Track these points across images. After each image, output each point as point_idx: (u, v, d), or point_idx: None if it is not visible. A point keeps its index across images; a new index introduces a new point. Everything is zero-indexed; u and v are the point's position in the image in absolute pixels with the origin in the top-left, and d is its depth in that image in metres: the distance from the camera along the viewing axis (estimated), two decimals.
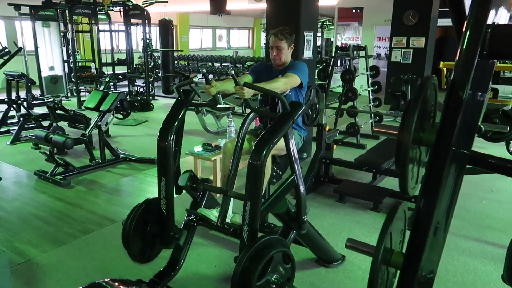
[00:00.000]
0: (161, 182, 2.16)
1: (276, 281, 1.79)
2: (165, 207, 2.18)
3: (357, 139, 5.61)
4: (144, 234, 2.20)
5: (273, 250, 1.78)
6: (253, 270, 1.70)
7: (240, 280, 1.70)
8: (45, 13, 8.40)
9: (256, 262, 1.72)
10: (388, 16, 8.61)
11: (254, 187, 1.85)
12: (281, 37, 2.77)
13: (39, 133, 4.40)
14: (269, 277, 1.77)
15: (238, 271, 1.70)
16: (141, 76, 9.00)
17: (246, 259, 1.72)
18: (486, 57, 1.00)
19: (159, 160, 2.17)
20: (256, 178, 1.83)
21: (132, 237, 2.11)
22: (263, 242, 1.80)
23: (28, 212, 3.45)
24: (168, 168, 2.15)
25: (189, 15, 16.66)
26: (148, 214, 2.20)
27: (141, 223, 2.16)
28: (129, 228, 2.10)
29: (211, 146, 3.81)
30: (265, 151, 1.81)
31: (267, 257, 1.74)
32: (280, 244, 1.88)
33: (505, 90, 7.48)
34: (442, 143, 1.00)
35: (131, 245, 2.13)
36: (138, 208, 2.15)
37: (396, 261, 1.11)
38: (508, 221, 3.31)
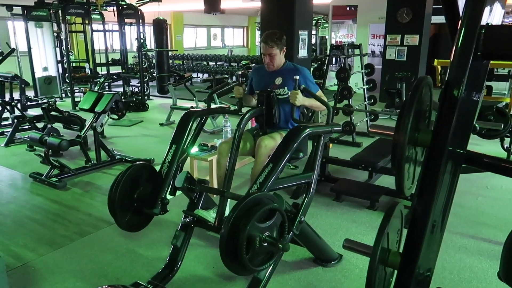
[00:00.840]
0: (171, 148, 2.31)
1: (268, 239, 1.70)
2: (165, 171, 2.24)
3: (352, 137, 5.62)
4: (131, 200, 2.15)
5: (263, 206, 1.69)
6: (242, 229, 1.60)
7: (229, 240, 1.60)
8: (38, 13, 8.34)
9: (246, 220, 1.61)
10: (382, 14, 8.63)
11: (283, 152, 2.07)
12: (272, 44, 2.77)
13: (33, 135, 4.37)
14: (260, 234, 1.68)
15: (226, 230, 1.60)
16: (135, 76, 8.97)
17: (234, 216, 1.62)
18: (480, 57, 1.00)
19: (179, 127, 2.42)
20: (288, 145, 2.07)
21: (118, 202, 2.07)
22: (252, 199, 1.70)
23: (23, 215, 3.43)
24: (182, 137, 2.34)
25: (183, 14, 16.61)
26: (137, 179, 2.17)
27: (128, 188, 2.12)
28: (115, 192, 2.05)
29: (207, 147, 3.81)
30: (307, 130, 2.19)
31: (258, 213, 1.64)
32: (270, 200, 1.79)
33: (499, 87, 7.52)
34: (438, 143, 1.01)
35: (117, 212, 2.08)
36: (126, 172, 2.12)
37: (394, 261, 1.12)
38: (503, 218, 3.33)
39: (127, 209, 2.15)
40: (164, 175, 2.23)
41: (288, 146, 2.09)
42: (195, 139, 2.59)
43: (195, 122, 2.54)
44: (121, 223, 2.14)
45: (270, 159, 2.07)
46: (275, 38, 2.77)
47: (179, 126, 2.44)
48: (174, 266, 2.31)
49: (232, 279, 2.46)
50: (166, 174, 2.22)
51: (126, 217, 2.15)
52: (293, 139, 2.11)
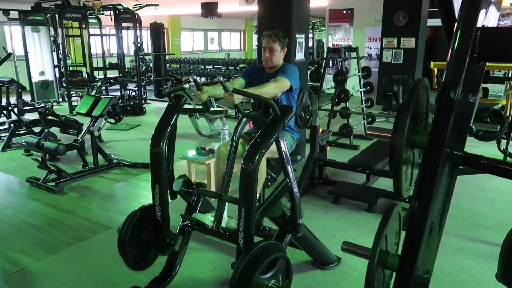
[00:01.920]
0: (155, 189, 2.15)
1: (274, 286, 1.79)
2: (160, 214, 2.16)
3: (350, 140, 5.64)
4: (139, 241, 2.19)
5: (270, 255, 1.78)
6: (251, 276, 1.69)
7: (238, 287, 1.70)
8: (35, 18, 8.33)
9: (254, 268, 1.71)
10: (379, 17, 8.67)
11: (248, 192, 1.85)
12: (275, 39, 2.79)
13: (30, 140, 4.35)
14: (266, 282, 1.77)
15: (236, 278, 1.70)
16: (133, 80, 8.96)
17: (243, 266, 1.71)
18: (477, 59, 1.01)
19: (152, 167, 2.16)
20: (250, 183, 1.82)
21: (128, 244, 2.10)
22: (260, 248, 1.79)
23: (20, 220, 3.41)
24: (161, 174, 2.14)
25: (180, 18, 16.63)
26: (144, 221, 2.18)
27: (136, 230, 2.15)
28: (124, 235, 2.08)
29: (205, 150, 3.81)
30: (257, 156, 1.81)
31: (265, 263, 1.74)
32: (277, 249, 1.88)
33: (495, 89, 7.56)
34: (435, 145, 1.01)
35: (127, 253, 2.11)
36: (134, 215, 2.14)
37: (392, 263, 1.12)
38: (501, 219, 3.34)
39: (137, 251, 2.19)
40: (161, 219, 2.18)
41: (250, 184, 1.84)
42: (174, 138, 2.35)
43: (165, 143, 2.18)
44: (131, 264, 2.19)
45: (239, 204, 1.89)
46: (279, 35, 2.82)
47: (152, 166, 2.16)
48: (172, 270, 2.30)
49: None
50: (162, 218, 2.18)
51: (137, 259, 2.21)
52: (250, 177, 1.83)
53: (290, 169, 2.03)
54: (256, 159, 1.81)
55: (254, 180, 1.82)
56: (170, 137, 2.23)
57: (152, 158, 2.15)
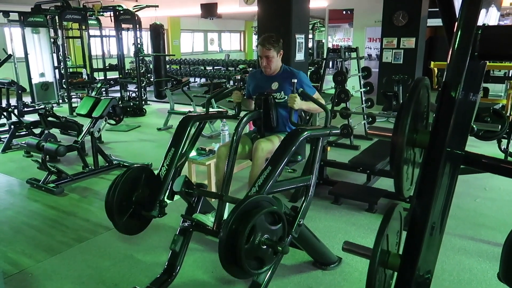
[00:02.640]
0: (170, 151, 2.29)
1: (268, 242, 1.68)
2: (164, 173, 2.23)
3: (350, 140, 5.63)
4: (129, 202, 2.12)
5: (262, 209, 1.68)
6: (241, 232, 1.58)
7: (227, 244, 1.58)
8: (35, 20, 8.33)
9: (244, 224, 1.60)
10: (378, 17, 8.67)
11: (281, 156, 2.05)
12: (269, 46, 2.77)
13: (30, 141, 4.35)
14: (259, 238, 1.66)
15: (225, 234, 1.58)
16: (133, 81, 8.96)
17: (232, 221, 1.60)
18: (477, 58, 1.01)
19: (177, 131, 2.38)
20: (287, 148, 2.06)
21: (116, 206, 2.04)
22: (250, 202, 1.69)
23: (21, 221, 3.41)
24: (181, 140, 2.32)
25: (180, 19, 16.64)
26: (134, 183, 2.14)
27: (126, 190, 2.09)
28: (112, 195, 2.02)
29: (205, 151, 3.80)
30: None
31: (257, 216, 1.62)
32: (269, 204, 1.78)
33: (495, 88, 7.55)
34: (436, 144, 1.00)
35: (115, 215, 2.05)
36: (122, 175, 2.08)
37: (393, 263, 1.12)
38: (502, 219, 3.33)
39: (125, 212, 2.12)
40: (163, 177, 2.21)
41: (286, 149, 2.08)
42: (193, 143, 2.58)
43: (194, 126, 2.53)
44: (119, 226, 2.11)
45: (269, 162, 2.06)
46: (272, 41, 2.78)
47: (178, 130, 2.42)
48: (172, 271, 2.30)
49: (231, 283, 2.45)
50: (164, 177, 2.21)
51: (124, 219, 2.12)
52: (291, 142, 2.10)
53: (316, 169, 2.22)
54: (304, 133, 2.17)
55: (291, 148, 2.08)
56: (201, 123, 2.62)
57: (181, 123, 2.42)
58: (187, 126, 2.40)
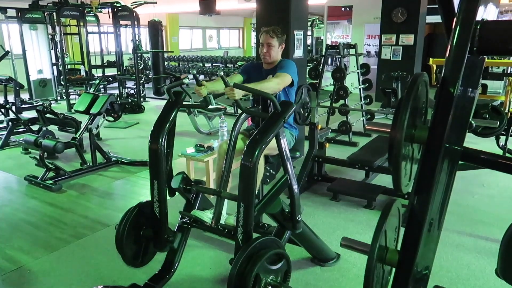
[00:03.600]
0: (154, 185, 2.14)
1: (272, 282, 1.78)
2: (158, 210, 2.15)
3: (349, 137, 5.63)
4: (137, 238, 2.18)
5: (269, 251, 1.78)
6: (249, 272, 1.69)
7: (236, 283, 1.69)
8: (32, 16, 8.30)
9: (252, 264, 1.71)
10: (377, 14, 8.65)
11: (247, 188, 1.84)
12: (273, 34, 2.78)
13: (28, 138, 4.34)
14: (265, 278, 1.76)
15: (234, 274, 1.69)
16: (131, 78, 8.94)
17: (241, 261, 1.71)
18: (476, 53, 1.00)
19: (151, 163, 2.15)
20: (249, 179, 1.81)
21: (126, 241, 2.09)
22: (258, 243, 1.79)
23: (19, 218, 3.40)
24: (160, 170, 2.13)
25: (178, 15, 16.59)
26: (142, 218, 2.17)
27: (134, 226, 2.14)
28: (122, 232, 2.07)
29: (203, 147, 3.80)
30: (257, 152, 1.80)
31: (263, 259, 1.73)
32: (276, 244, 1.88)
33: (494, 85, 7.56)
34: (434, 140, 1.00)
35: (124, 250, 2.10)
36: (131, 212, 2.13)
37: (391, 259, 1.11)
38: (500, 215, 3.34)
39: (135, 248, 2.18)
40: (159, 215, 2.17)
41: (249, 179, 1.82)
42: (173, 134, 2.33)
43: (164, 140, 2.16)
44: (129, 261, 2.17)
45: (239, 200, 1.88)
46: (277, 31, 2.81)
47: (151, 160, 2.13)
48: (171, 267, 2.29)
49: None
50: (160, 214, 2.17)
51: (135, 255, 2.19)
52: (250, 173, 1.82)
53: (289, 166, 2.02)
54: (255, 155, 1.79)
55: (254, 175, 1.81)
56: (169, 134, 2.22)
57: (151, 154, 2.13)
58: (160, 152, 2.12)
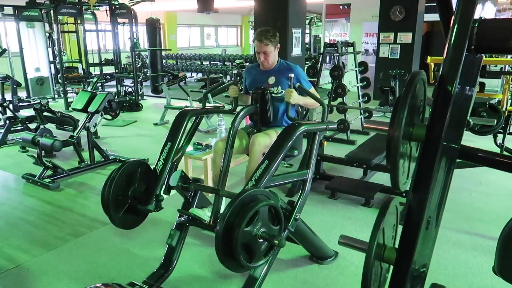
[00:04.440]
0: (166, 145, 2.28)
1: (264, 235, 1.69)
2: (160, 168, 2.22)
3: (347, 135, 5.63)
4: (125, 197, 2.13)
5: (259, 203, 1.68)
6: (238, 226, 1.59)
7: (224, 237, 1.59)
8: (30, 14, 8.27)
9: (241, 217, 1.60)
10: (375, 12, 8.66)
11: (278, 150, 2.05)
12: (266, 42, 2.76)
13: (26, 136, 4.33)
14: (256, 231, 1.67)
15: (221, 228, 1.58)
16: (129, 76, 8.92)
17: (229, 214, 1.60)
18: (474, 51, 1.00)
19: (174, 125, 2.37)
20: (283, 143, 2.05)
21: (112, 200, 2.05)
22: (247, 196, 1.69)
23: (16, 216, 3.39)
24: (178, 134, 2.32)
25: (176, 13, 16.55)
26: (130, 177, 2.15)
27: (122, 184, 2.10)
28: (108, 190, 2.03)
29: (201, 146, 3.80)
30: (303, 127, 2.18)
31: (253, 210, 1.63)
32: (266, 197, 1.78)
33: (492, 83, 7.58)
34: (432, 138, 1.00)
35: (111, 209, 2.05)
36: (118, 170, 2.09)
37: (389, 257, 1.12)
38: (497, 213, 3.35)
39: (121, 206, 2.13)
40: (159, 172, 2.21)
41: (283, 143, 2.08)
42: (190, 138, 2.57)
43: (190, 121, 2.51)
44: (115, 220, 2.11)
45: (265, 156, 2.06)
46: (269, 36, 2.76)
47: (174, 125, 2.42)
48: (169, 265, 2.30)
49: (227, 277, 2.46)
50: (160, 171, 2.20)
51: (120, 214, 2.13)
52: (288, 136, 2.10)
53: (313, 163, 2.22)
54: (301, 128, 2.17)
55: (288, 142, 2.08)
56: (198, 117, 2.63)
57: (177, 116, 2.41)
58: (184, 121, 2.40)
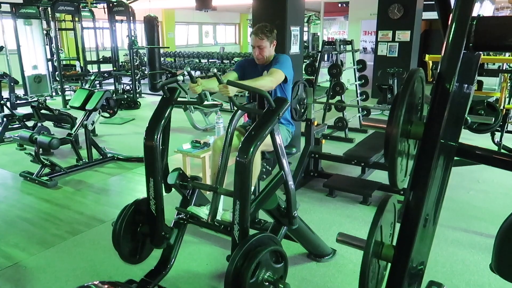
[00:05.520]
0: (150, 182, 2.13)
1: (270, 279, 1.79)
2: (154, 207, 2.15)
3: (345, 133, 5.64)
4: (134, 235, 2.18)
5: (266, 248, 1.78)
6: (246, 269, 1.69)
7: (234, 280, 1.70)
8: (27, 11, 8.22)
9: (249, 261, 1.71)
10: (374, 10, 8.64)
11: (243, 185, 1.83)
12: (262, 36, 2.74)
13: (23, 134, 4.31)
14: (262, 275, 1.77)
15: (231, 271, 1.69)
16: (127, 74, 8.89)
17: (238, 258, 1.71)
18: (472, 49, 1.00)
19: (147, 160, 2.14)
20: (244, 176, 1.81)
21: (123, 238, 2.09)
22: (255, 240, 1.79)
23: (14, 214, 3.38)
24: (156, 167, 2.12)
25: (174, 11, 16.50)
26: (138, 215, 2.18)
27: (130, 223, 2.14)
28: (119, 229, 2.07)
29: (199, 143, 3.79)
30: (252, 148, 1.80)
31: (260, 255, 1.73)
32: (272, 241, 1.88)
33: (489, 82, 7.58)
34: (430, 136, 1.00)
35: (121, 246, 2.10)
36: (128, 209, 2.13)
37: (387, 254, 1.12)
38: (495, 211, 3.36)
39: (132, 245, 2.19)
40: (155, 212, 2.17)
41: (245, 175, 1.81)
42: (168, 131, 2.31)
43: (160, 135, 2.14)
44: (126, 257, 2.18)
45: (234, 196, 1.87)
46: (266, 31, 2.75)
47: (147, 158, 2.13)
48: (167, 263, 2.30)
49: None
50: (156, 211, 2.17)
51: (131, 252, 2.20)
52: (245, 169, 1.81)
53: (285, 162, 2.02)
54: (250, 151, 1.79)
55: (249, 172, 1.80)
56: (164, 130, 2.20)
57: (146, 151, 2.12)
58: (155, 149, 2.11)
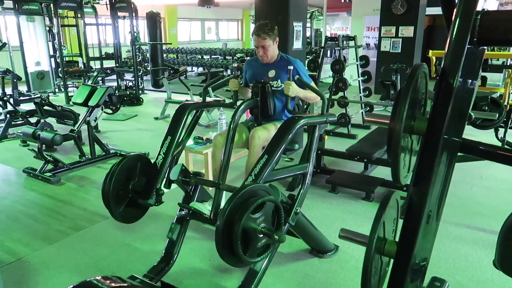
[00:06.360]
0: (166, 139, 2.28)
1: (264, 230, 1.68)
2: (160, 162, 2.22)
3: (348, 129, 5.62)
4: (126, 192, 2.14)
5: (259, 198, 1.67)
6: (238, 220, 1.58)
7: (224, 232, 1.59)
8: (29, 7, 8.23)
9: (241, 212, 1.60)
10: (377, 6, 8.60)
11: (277, 142, 2.05)
12: (264, 36, 2.74)
13: (26, 130, 4.32)
14: (256, 226, 1.66)
15: (222, 222, 1.58)
16: (129, 70, 8.90)
17: (229, 209, 1.59)
18: (476, 44, 0.99)
19: (173, 121, 2.37)
20: (285, 134, 2.05)
21: (113, 194, 2.05)
22: (248, 191, 1.68)
23: (17, 210, 3.40)
24: (178, 128, 2.32)
25: (177, 7, 16.48)
26: (130, 170, 2.16)
27: (122, 178, 2.11)
28: (108, 184, 2.04)
29: (202, 139, 3.79)
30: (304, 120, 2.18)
31: (253, 205, 1.62)
32: (266, 193, 1.77)
33: (493, 77, 7.54)
34: (434, 131, 0.99)
35: (111, 204, 2.06)
36: (119, 164, 2.10)
37: (390, 250, 1.11)
38: (498, 207, 3.35)
39: (122, 200, 2.14)
40: (159, 166, 2.21)
41: (283, 136, 2.06)
42: (190, 132, 2.56)
43: (190, 115, 2.51)
44: (116, 214, 2.12)
45: (265, 150, 2.05)
46: (267, 29, 2.74)
47: (174, 118, 2.41)
48: (170, 259, 2.30)
49: (228, 271, 2.46)
50: (161, 165, 2.20)
51: (121, 208, 2.14)
52: (288, 129, 2.09)
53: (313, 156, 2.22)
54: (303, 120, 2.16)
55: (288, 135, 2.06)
56: (198, 111, 2.63)
57: (176, 112, 2.41)
58: (184, 114, 2.39)
